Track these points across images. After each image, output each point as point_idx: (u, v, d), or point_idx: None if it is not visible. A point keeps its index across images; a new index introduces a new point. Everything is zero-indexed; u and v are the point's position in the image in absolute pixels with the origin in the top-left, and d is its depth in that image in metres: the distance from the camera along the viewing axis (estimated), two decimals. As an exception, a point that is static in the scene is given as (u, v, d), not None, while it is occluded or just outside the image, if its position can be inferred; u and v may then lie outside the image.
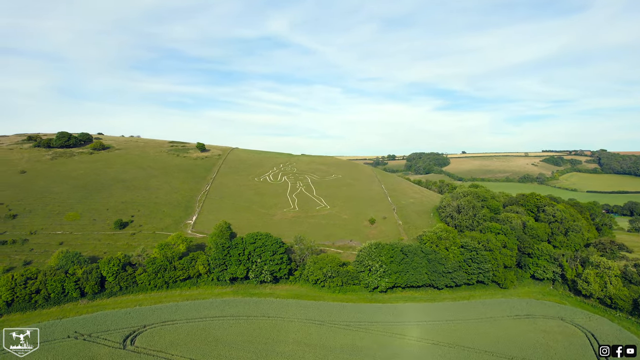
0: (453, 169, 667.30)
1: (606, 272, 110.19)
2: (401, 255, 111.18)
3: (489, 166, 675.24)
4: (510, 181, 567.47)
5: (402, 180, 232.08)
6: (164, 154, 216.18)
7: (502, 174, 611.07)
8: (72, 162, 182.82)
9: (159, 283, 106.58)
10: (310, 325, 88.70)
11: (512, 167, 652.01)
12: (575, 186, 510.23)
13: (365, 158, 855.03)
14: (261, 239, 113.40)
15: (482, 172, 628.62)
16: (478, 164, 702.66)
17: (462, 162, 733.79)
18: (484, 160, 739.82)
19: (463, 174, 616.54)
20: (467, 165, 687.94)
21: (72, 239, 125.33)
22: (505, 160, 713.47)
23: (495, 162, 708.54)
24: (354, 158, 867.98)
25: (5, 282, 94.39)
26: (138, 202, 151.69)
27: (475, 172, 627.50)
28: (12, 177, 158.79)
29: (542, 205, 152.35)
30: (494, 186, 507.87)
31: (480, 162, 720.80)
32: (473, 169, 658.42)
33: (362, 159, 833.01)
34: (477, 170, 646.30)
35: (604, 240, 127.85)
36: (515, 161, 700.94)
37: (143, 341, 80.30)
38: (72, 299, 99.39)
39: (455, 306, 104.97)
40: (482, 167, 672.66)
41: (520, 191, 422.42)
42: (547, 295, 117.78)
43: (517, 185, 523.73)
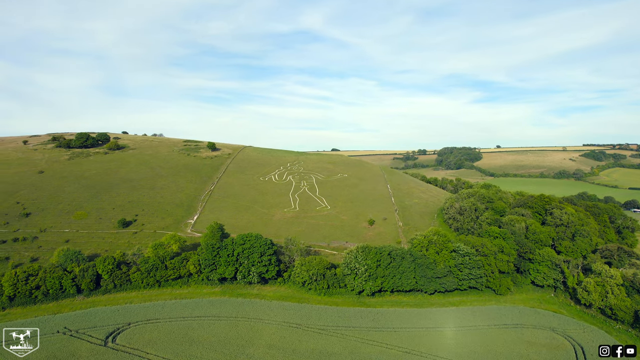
0: (485, 164, 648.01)
1: (607, 280, 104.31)
2: (388, 259, 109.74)
3: (523, 161, 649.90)
4: (545, 177, 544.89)
5: (411, 179, 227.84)
6: (175, 153, 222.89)
7: (537, 169, 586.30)
8: (87, 162, 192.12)
9: (151, 282, 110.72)
10: (286, 328, 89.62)
11: (547, 162, 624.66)
12: (616, 182, 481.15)
13: (395, 153, 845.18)
14: (250, 240, 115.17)
15: (515, 168, 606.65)
16: (512, 159, 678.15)
17: (494, 157, 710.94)
18: (518, 155, 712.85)
19: (495, 170, 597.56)
20: (500, 161, 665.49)
21: (78, 237, 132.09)
22: (541, 155, 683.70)
23: (529, 157, 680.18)
24: (385, 153, 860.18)
25: (8, 278, 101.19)
26: (143, 202, 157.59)
27: (508, 168, 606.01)
28: (31, 177, 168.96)
29: (550, 207, 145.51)
30: (526, 182, 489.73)
31: (514, 157, 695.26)
32: (506, 164, 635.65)
33: (392, 154, 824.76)
34: (510, 165, 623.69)
35: (610, 246, 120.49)
36: (551, 156, 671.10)
37: (124, 339, 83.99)
38: (69, 295, 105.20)
39: (441, 312, 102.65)
40: (516, 162, 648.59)
41: (553, 188, 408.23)
42: (544, 303, 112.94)
43: (551, 182, 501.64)
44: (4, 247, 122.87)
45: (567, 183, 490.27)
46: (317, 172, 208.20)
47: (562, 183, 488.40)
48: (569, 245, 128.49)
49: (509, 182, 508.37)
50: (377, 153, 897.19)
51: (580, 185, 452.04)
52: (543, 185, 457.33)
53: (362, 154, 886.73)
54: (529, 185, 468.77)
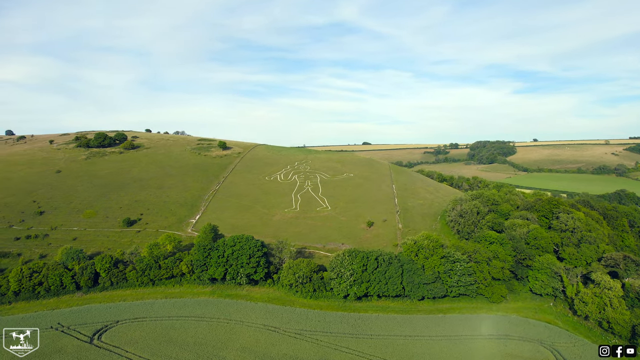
0: (519, 158, 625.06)
1: (606, 292, 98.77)
2: (375, 263, 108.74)
3: (560, 156, 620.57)
4: (582, 173, 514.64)
5: (420, 178, 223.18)
6: (187, 152, 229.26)
7: (574, 164, 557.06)
8: (102, 162, 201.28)
9: (145, 280, 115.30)
10: (264, 331, 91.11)
11: (586, 156, 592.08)
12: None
13: (427, 146, 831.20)
14: (240, 242, 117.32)
15: (550, 163, 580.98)
16: (548, 153, 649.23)
17: (529, 151, 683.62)
18: (555, 149, 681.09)
19: (529, 165, 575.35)
20: (535, 155, 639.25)
21: (85, 235, 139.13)
22: (580, 149, 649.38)
23: (567, 151, 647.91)
24: (415, 146, 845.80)
25: (14, 274, 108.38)
26: (149, 201, 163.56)
27: (543, 162, 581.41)
28: (49, 177, 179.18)
29: (557, 211, 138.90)
30: (561, 178, 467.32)
31: (550, 151, 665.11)
32: (541, 158, 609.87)
33: (423, 147, 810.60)
34: (546, 160, 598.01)
35: (615, 255, 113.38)
36: (591, 150, 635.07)
37: (109, 337, 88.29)
38: (69, 292, 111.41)
39: (426, 320, 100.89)
40: (552, 156, 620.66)
41: (589, 184, 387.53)
42: (540, 313, 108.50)
43: (588, 178, 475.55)
44: (18, 244, 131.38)
45: (606, 179, 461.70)
46: (323, 172, 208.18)
47: (601, 179, 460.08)
48: (573, 252, 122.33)
49: (543, 177, 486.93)
50: (408, 147, 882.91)
51: (622, 182, 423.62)
52: (579, 182, 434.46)
53: (392, 147, 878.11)
54: (563, 181, 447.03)
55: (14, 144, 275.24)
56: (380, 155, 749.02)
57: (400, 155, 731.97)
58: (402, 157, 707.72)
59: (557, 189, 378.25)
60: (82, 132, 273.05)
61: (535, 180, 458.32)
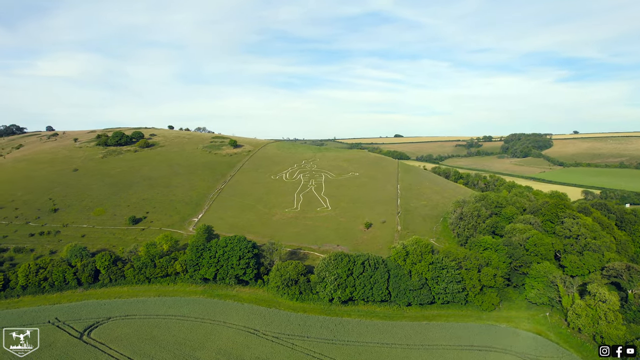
0: (555, 152, 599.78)
1: (600, 305, 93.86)
2: (361, 268, 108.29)
3: (600, 149, 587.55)
4: (625, 167, 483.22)
5: (428, 178, 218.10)
6: (198, 151, 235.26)
7: (616, 158, 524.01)
8: (117, 161, 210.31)
9: (141, 278, 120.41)
10: (243, 333, 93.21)
11: (630, 150, 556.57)
12: None
13: (459, 139, 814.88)
14: (232, 242, 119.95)
15: (589, 157, 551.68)
16: (587, 146, 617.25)
17: (567, 144, 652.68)
18: (595, 142, 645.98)
19: (566, 159, 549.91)
20: (573, 148, 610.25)
21: (93, 232, 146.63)
22: (623, 142, 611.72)
23: (609, 144, 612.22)
24: (447, 139, 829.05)
25: (23, 269, 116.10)
26: (156, 199, 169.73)
27: (581, 157, 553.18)
28: (66, 175, 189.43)
29: (563, 215, 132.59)
30: (600, 173, 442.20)
31: (590, 144, 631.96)
32: (579, 152, 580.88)
33: (455, 140, 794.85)
34: (584, 154, 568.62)
35: (617, 265, 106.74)
36: (636, 143, 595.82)
37: (98, 333, 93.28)
38: (71, 287, 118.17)
39: (409, 327, 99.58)
40: (592, 150, 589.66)
41: (631, 181, 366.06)
42: (533, 323, 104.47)
43: (631, 173, 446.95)
44: (32, 240, 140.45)
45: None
46: (328, 171, 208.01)
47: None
48: (574, 261, 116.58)
49: (579, 172, 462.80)
50: (439, 140, 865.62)
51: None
52: (619, 177, 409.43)
53: (423, 140, 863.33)
54: (601, 176, 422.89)
55: (45, 142, 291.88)
56: (411, 148, 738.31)
57: (431, 149, 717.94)
58: (433, 150, 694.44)
59: (593, 184, 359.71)
60: (107, 129, 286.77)
61: (570, 176, 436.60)
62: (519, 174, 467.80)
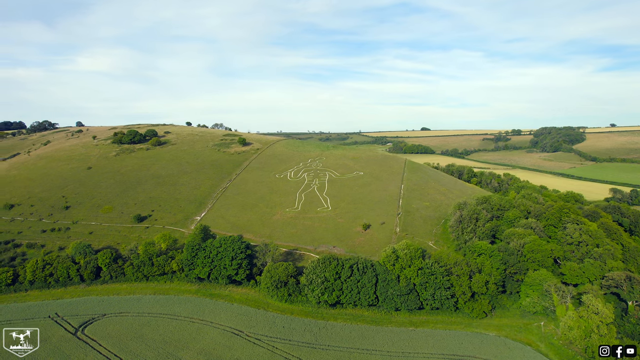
0: (588, 146, 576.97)
1: (593, 317, 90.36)
2: (348, 271, 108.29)
3: (637, 143, 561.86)
4: None
5: (435, 177, 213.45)
6: (208, 149, 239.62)
7: None
8: (129, 159, 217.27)
9: (140, 276, 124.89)
10: (227, 334, 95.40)
11: None
12: None
13: (486, 133, 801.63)
14: (226, 243, 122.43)
15: (625, 152, 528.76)
16: (623, 140, 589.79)
17: (601, 138, 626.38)
18: (633, 135, 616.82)
19: (599, 154, 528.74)
20: (608, 143, 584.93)
21: (100, 229, 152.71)
22: None
23: None
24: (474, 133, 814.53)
25: (31, 265, 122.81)
26: (162, 198, 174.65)
27: (616, 152, 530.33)
28: (80, 173, 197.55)
29: (567, 220, 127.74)
30: (636, 169, 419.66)
31: (627, 138, 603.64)
32: (614, 147, 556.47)
33: (482, 134, 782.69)
34: (620, 148, 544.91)
35: (616, 274, 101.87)
36: None
37: (92, 329, 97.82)
38: (74, 283, 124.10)
39: (394, 333, 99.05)
40: (628, 144, 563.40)
41: None
42: (525, 333, 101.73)
43: None
44: (43, 236, 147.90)
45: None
46: (333, 169, 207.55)
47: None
48: (574, 268, 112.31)
49: (612, 168, 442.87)
50: (466, 133, 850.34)
51: None
52: None
53: (450, 134, 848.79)
54: (636, 172, 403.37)
55: (69, 138, 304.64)
56: (437, 142, 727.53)
57: (457, 142, 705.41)
58: (459, 144, 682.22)
59: (626, 182, 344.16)
60: (127, 126, 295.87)
61: (601, 172, 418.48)
62: (547, 170, 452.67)
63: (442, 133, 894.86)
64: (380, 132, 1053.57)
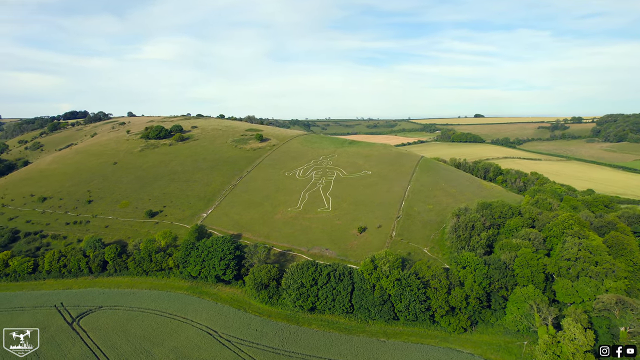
0: None
1: (567, 343, 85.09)
2: (325, 278, 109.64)
3: None
4: None
5: (447, 177, 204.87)
6: (226, 145, 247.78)
7: None
8: (151, 154, 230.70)
9: (140, 271, 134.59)
10: (202, 333, 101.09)
11: None
12: None
13: (542, 121, 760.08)
14: (217, 243, 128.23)
15: None
16: None
17: None
18: None
19: None
20: None
21: (115, 223, 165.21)
22: None
23: None
24: (529, 121, 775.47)
25: (49, 256, 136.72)
26: (174, 194, 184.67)
27: None
28: (106, 168, 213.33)
29: (568, 233, 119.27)
30: None
31: None
32: None
33: (538, 122, 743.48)
34: None
35: (606, 297, 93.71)
36: None
37: (86, 321, 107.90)
38: (84, 274, 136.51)
39: (363, 343, 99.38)
40: None
41: None
42: (503, 353, 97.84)
43: None
44: (67, 228, 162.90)
45: None
46: (342, 168, 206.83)
47: None
48: (566, 287, 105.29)
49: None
50: (520, 121, 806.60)
51: None
52: None
53: (503, 122, 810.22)
54: None
55: (110, 132, 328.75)
56: (488, 130, 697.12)
57: (510, 131, 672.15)
58: (512, 133, 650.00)
59: None
60: (168, 117, 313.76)
61: None
62: (606, 162, 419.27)
63: (495, 121, 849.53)
64: (430, 119, 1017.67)
